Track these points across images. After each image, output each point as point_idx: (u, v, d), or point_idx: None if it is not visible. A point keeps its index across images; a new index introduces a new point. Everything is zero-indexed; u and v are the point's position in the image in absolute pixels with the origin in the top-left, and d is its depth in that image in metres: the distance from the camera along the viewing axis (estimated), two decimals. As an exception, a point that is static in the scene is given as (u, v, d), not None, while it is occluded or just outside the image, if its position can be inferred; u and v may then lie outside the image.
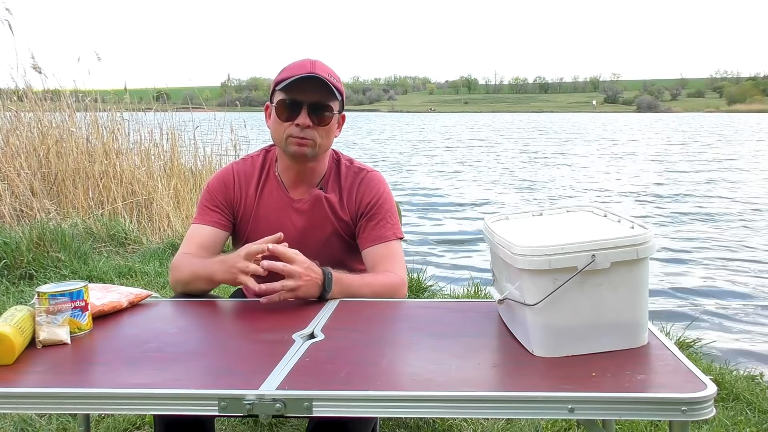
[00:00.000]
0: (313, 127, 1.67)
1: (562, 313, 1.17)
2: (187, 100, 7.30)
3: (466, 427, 2.27)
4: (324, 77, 1.65)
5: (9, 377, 1.13)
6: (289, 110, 1.67)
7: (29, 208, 5.44)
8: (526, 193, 11.55)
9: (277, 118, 1.70)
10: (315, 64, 1.68)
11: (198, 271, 1.62)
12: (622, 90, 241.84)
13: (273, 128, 1.74)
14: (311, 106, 1.66)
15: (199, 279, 1.62)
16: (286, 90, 1.66)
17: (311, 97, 1.66)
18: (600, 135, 34.28)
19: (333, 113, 1.70)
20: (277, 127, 1.71)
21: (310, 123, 1.66)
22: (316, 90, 1.66)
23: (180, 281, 1.67)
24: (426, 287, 4.12)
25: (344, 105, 1.78)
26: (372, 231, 1.75)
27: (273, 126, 1.73)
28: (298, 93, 1.66)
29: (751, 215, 8.92)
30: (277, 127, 1.71)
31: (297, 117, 1.66)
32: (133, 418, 2.28)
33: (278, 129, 1.71)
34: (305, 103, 1.66)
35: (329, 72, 1.69)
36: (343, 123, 1.81)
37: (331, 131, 1.73)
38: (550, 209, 1.48)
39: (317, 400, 1.02)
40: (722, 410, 2.44)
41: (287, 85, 1.65)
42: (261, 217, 1.78)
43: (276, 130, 1.72)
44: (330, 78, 1.67)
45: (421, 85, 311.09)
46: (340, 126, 1.79)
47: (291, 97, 1.67)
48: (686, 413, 0.98)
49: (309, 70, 1.66)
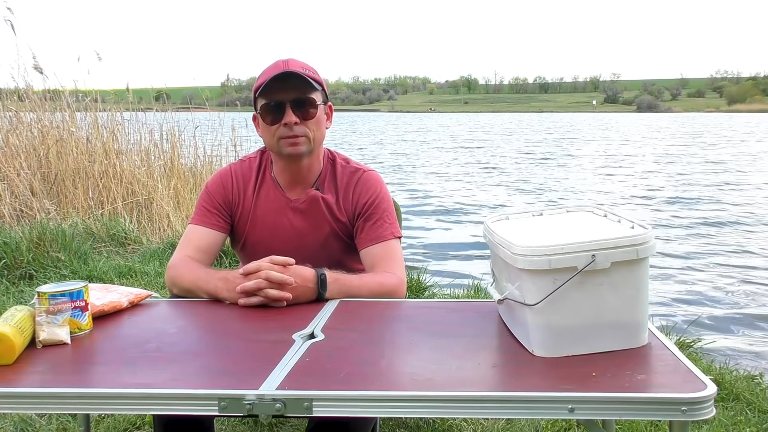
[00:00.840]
0: (301, 123, 1.67)
1: (562, 313, 1.17)
2: (187, 100, 7.30)
3: (466, 427, 2.27)
4: (299, 72, 1.65)
5: (9, 377, 1.13)
6: (273, 112, 1.68)
7: (29, 208, 5.44)
8: (534, 197, 11.43)
9: (264, 123, 1.71)
10: (288, 62, 1.69)
11: (201, 285, 1.61)
12: (622, 90, 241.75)
13: (264, 135, 1.74)
14: (294, 102, 1.67)
15: (201, 292, 1.61)
16: (266, 94, 1.67)
17: (291, 94, 1.67)
18: (606, 136, 33.94)
19: (317, 104, 1.70)
20: (267, 132, 1.72)
21: (296, 119, 1.66)
22: (294, 86, 1.67)
23: (180, 288, 1.66)
24: (426, 287, 4.12)
25: (327, 95, 1.77)
26: (370, 231, 1.75)
27: (263, 133, 1.74)
28: (278, 93, 1.66)
29: (754, 217, 8.92)
30: (267, 133, 1.72)
31: (283, 117, 1.67)
32: (133, 418, 2.28)
33: (268, 134, 1.71)
34: (287, 102, 1.66)
35: (303, 66, 1.70)
36: (332, 113, 1.81)
37: (321, 123, 1.73)
38: (550, 209, 1.48)
39: (317, 400, 1.02)
40: (722, 410, 2.44)
41: (265, 89, 1.66)
42: (258, 218, 1.78)
43: (267, 136, 1.73)
44: (305, 71, 1.67)
45: (421, 85, 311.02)
46: (329, 117, 1.80)
47: (272, 99, 1.67)
48: (686, 413, 0.98)
49: (282, 68, 1.66)
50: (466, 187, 12.55)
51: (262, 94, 1.67)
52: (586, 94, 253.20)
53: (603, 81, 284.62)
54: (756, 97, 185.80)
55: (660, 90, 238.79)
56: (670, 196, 11.07)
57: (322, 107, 1.72)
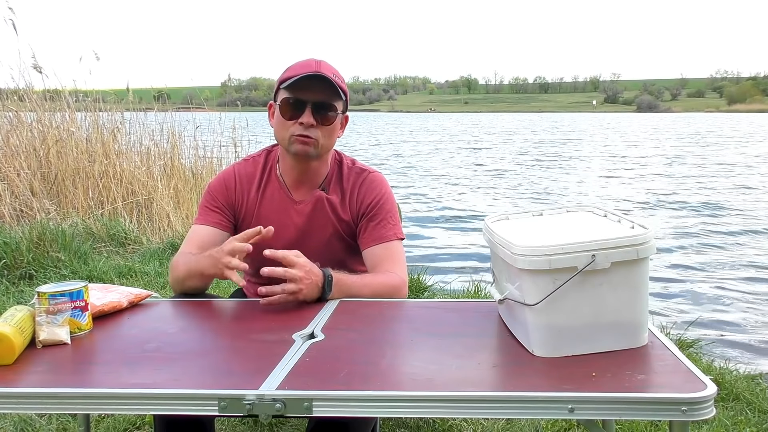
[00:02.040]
0: (317, 127, 1.67)
1: (562, 313, 1.17)
2: (188, 100, 7.30)
3: (466, 427, 2.27)
4: (329, 77, 1.65)
5: (9, 377, 1.13)
6: (293, 109, 1.67)
7: (29, 208, 5.44)
8: (542, 204, 11.16)
9: (281, 116, 1.70)
10: (320, 63, 1.68)
11: (191, 267, 1.62)
12: (622, 90, 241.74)
13: (276, 127, 1.73)
14: (315, 105, 1.66)
15: (192, 275, 1.62)
16: (291, 89, 1.66)
17: (316, 96, 1.66)
18: (611, 138, 33.54)
19: (337, 113, 1.70)
20: (281, 125, 1.71)
21: (313, 122, 1.66)
22: (320, 89, 1.66)
23: (177, 279, 1.68)
24: (426, 287, 4.12)
25: (348, 106, 1.77)
26: (373, 231, 1.75)
27: (276, 125, 1.73)
28: (303, 92, 1.66)
29: (757, 218, 8.90)
30: (280, 126, 1.71)
31: (301, 116, 1.66)
32: (133, 418, 2.28)
33: (282, 128, 1.71)
34: (309, 103, 1.66)
35: (334, 72, 1.69)
36: (346, 124, 1.81)
37: (334, 131, 1.73)
38: (550, 209, 1.48)
39: (317, 400, 1.02)
40: (722, 410, 2.44)
41: (292, 84, 1.64)
42: (262, 218, 1.78)
43: (279, 129, 1.72)
44: (335, 78, 1.67)
45: (421, 85, 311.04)
46: (343, 126, 1.79)
47: (295, 96, 1.67)
48: (686, 413, 0.98)
49: (314, 69, 1.65)
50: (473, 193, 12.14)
51: (288, 87, 1.66)
52: (586, 94, 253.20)
53: (603, 81, 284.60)
54: (756, 97, 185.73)
55: (660, 90, 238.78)
56: (681, 197, 10.98)
57: (339, 116, 1.72)
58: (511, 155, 21.49)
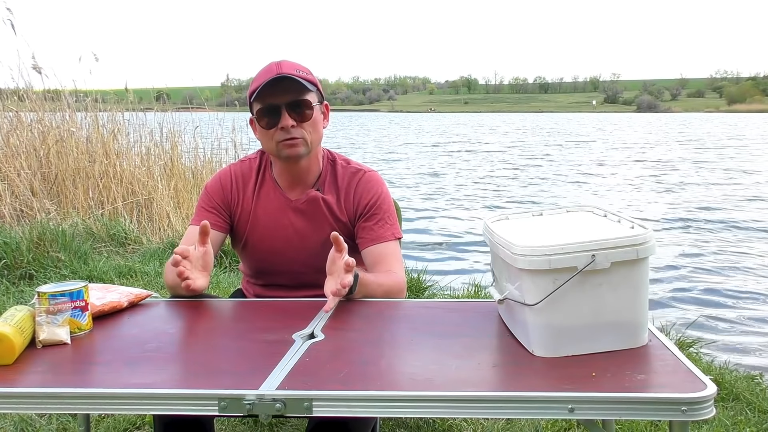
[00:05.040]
0: (298, 125, 1.67)
1: (562, 313, 1.17)
2: (188, 100, 7.29)
3: (466, 427, 2.27)
4: (291, 74, 1.65)
5: (9, 377, 1.13)
6: (269, 116, 1.68)
7: (29, 208, 5.44)
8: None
9: (261, 127, 1.71)
10: (281, 64, 1.68)
11: (173, 282, 1.60)
12: (622, 90, 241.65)
13: (262, 139, 1.74)
14: (289, 105, 1.66)
15: (176, 286, 1.60)
16: (260, 98, 1.67)
17: (286, 97, 1.66)
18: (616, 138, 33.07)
19: (312, 106, 1.70)
20: (265, 136, 1.72)
21: (293, 123, 1.66)
22: (288, 89, 1.66)
23: (168, 287, 1.70)
24: (426, 287, 4.12)
25: (323, 94, 1.77)
26: (371, 231, 1.75)
27: (261, 137, 1.74)
28: (273, 97, 1.66)
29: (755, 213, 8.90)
30: (265, 137, 1.72)
31: (279, 120, 1.66)
32: (133, 418, 2.28)
33: (266, 138, 1.71)
34: (282, 105, 1.66)
35: (296, 67, 1.69)
36: (328, 112, 1.80)
37: (318, 124, 1.73)
38: (550, 209, 1.48)
39: (317, 400, 1.02)
40: (722, 410, 2.44)
41: (260, 93, 1.65)
42: (259, 218, 1.78)
43: (265, 140, 1.73)
44: (299, 73, 1.67)
45: (421, 85, 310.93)
46: (326, 116, 1.79)
47: (267, 103, 1.67)
48: (686, 413, 0.98)
49: (276, 72, 1.66)
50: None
51: (257, 98, 1.67)
52: (586, 94, 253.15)
53: (603, 81, 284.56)
54: (756, 97, 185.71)
55: (660, 90, 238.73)
56: (683, 199, 10.91)
57: (318, 107, 1.72)
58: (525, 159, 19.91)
